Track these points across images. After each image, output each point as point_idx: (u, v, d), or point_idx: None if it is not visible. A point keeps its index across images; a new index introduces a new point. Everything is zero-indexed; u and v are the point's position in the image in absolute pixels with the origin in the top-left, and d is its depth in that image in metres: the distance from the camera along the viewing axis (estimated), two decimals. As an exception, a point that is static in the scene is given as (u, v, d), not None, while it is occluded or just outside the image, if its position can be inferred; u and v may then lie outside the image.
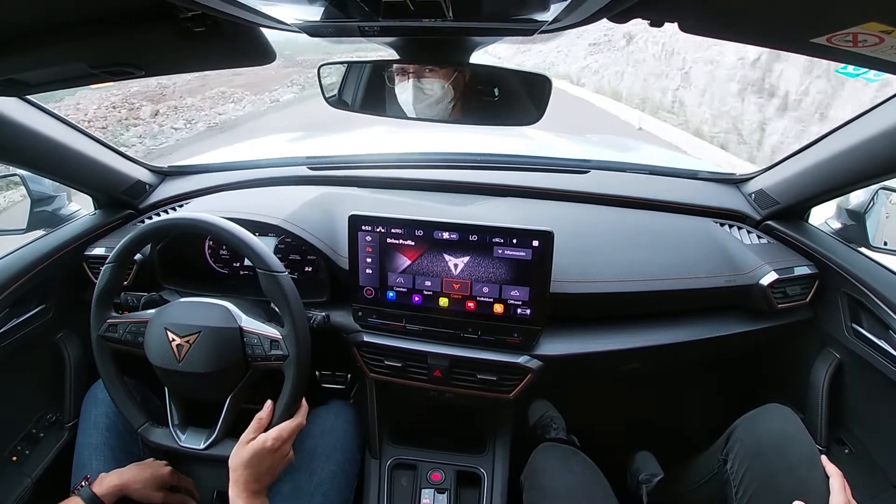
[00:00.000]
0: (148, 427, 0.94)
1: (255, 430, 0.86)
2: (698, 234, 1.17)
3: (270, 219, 1.09)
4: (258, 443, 0.83)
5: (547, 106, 0.84)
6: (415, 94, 0.89)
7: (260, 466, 0.83)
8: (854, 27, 0.43)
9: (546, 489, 0.97)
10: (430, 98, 0.88)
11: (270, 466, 0.85)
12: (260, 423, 0.86)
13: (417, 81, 0.88)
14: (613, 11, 0.52)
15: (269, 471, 0.85)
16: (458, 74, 0.87)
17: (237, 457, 0.83)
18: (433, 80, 0.87)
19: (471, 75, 0.87)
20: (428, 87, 0.87)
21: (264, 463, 0.83)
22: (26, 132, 0.99)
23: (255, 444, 0.83)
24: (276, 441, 0.84)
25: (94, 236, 1.22)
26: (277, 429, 0.86)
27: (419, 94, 0.88)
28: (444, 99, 0.88)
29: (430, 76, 0.87)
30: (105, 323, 0.94)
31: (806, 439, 0.88)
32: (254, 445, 0.83)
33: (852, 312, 1.06)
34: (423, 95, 0.88)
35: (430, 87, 0.88)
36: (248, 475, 0.82)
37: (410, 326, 1.06)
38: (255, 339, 0.89)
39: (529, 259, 0.96)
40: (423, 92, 0.88)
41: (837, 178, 1.03)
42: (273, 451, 0.84)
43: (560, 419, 1.51)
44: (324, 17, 0.65)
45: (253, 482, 0.82)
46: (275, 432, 0.85)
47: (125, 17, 0.59)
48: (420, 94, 0.88)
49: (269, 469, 0.85)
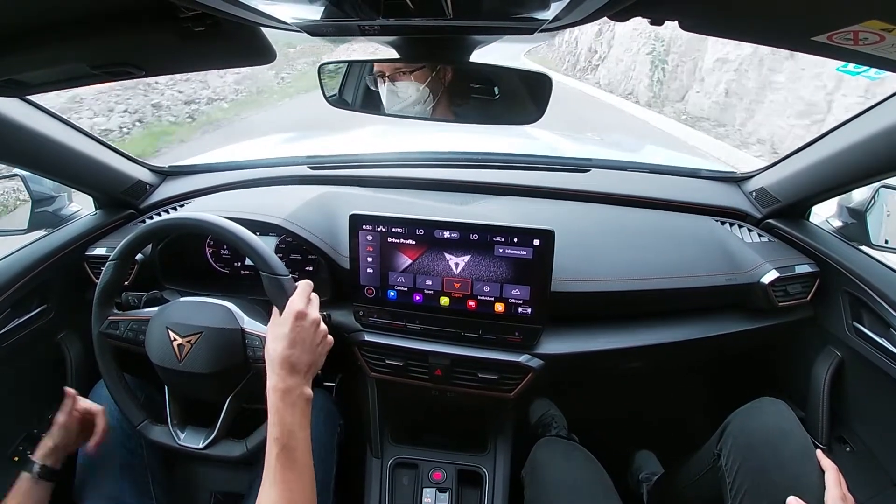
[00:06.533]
0: (147, 425, 0.94)
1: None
2: (699, 233, 1.17)
3: (271, 218, 1.09)
4: (288, 311, 0.79)
5: (547, 104, 0.84)
6: (388, 97, 0.89)
7: (290, 334, 0.77)
8: (854, 25, 0.43)
9: (547, 484, 0.96)
10: (405, 101, 0.88)
11: (299, 333, 0.78)
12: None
13: (391, 84, 0.88)
14: (613, 10, 0.52)
15: (300, 341, 0.78)
16: (433, 76, 0.86)
17: (269, 339, 0.78)
18: (406, 83, 0.87)
19: (455, 74, 0.87)
20: (402, 89, 0.87)
21: (294, 329, 0.77)
22: (27, 132, 0.99)
23: (285, 314, 0.79)
24: (300, 298, 0.80)
25: (95, 236, 1.22)
26: (296, 293, 0.82)
27: (392, 96, 0.89)
28: (420, 101, 0.87)
29: (402, 79, 0.87)
30: (106, 320, 0.94)
31: (799, 434, 0.88)
32: (286, 315, 0.78)
33: (853, 310, 1.06)
34: (396, 98, 0.88)
35: (403, 90, 0.88)
36: (278, 345, 0.76)
37: (411, 326, 1.06)
38: (256, 342, 0.89)
39: (530, 258, 0.96)
40: (396, 95, 0.88)
41: (838, 176, 1.03)
42: (301, 314, 0.79)
43: (561, 418, 1.52)
44: (324, 17, 0.65)
45: (285, 357, 0.76)
46: (296, 296, 0.81)
47: (125, 17, 0.59)
48: (393, 97, 0.89)
49: (299, 338, 0.78)
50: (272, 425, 0.72)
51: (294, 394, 0.75)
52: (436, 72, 0.86)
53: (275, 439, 0.71)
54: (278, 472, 0.70)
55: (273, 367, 0.76)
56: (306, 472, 0.73)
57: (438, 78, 0.86)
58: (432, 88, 0.86)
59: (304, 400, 0.76)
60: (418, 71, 0.86)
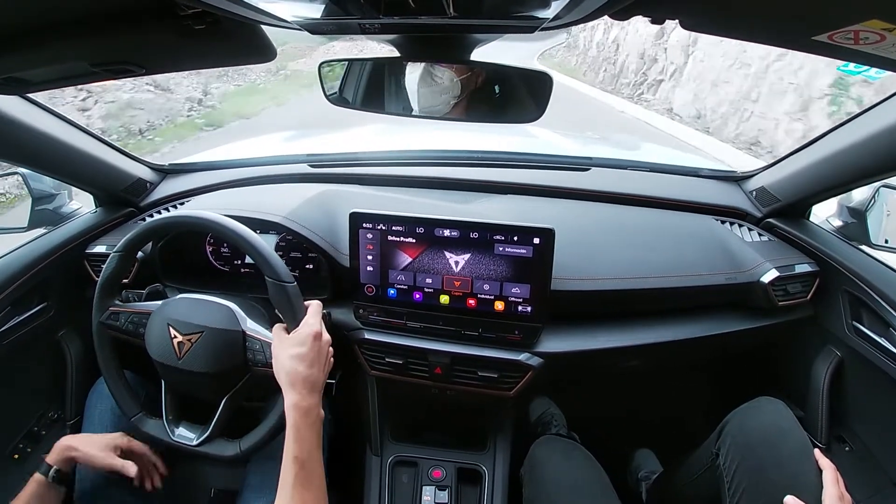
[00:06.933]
0: (141, 417, 0.94)
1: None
2: (699, 232, 1.17)
3: (271, 216, 1.09)
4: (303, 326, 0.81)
5: (548, 103, 0.84)
6: (422, 77, 0.87)
7: (309, 354, 0.79)
8: (855, 25, 0.43)
9: (546, 482, 0.96)
10: (438, 85, 0.87)
11: (317, 353, 0.80)
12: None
13: (430, 66, 0.86)
14: (614, 9, 0.52)
15: (317, 360, 0.80)
16: (471, 74, 0.86)
17: (282, 357, 0.79)
18: (445, 70, 0.86)
19: (483, 78, 0.87)
20: (438, 73, 0.86)
21: (313, 349, 0.79)
22: (27, 130, 0.99)
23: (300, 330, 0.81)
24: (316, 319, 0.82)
25: (95, 234, 1.22)
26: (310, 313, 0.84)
27: (427, 77, 0.87)
28: (450, 90, 0.87)
29: (443, 65, 0.86)
30: (107, 310, 0.95)
31: (797, 433, 0.88)
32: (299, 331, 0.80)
33: (853, 310, 1.06)
34: (430, 80, 0.87)
35: (440, 75, 0.86)
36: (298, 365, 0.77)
37: (411, 324, 1.06)
38: (256, 345, 0.88)
39: (530, 256, 0.96)
40: (431, 76, 0.87)
41: (839, 176, 1.03)
42: (318, 335, 0.81)
43: (561, 416, 1.52)
44: (324, 15, 0.65)
45: (305, 377, 0.77)
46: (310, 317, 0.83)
47: (126, 15, 0.59)
48: (428, 78, 0.87)
49: (317, 357, 0.80)
50: (292, 443, 0.73)
51: (314, 413, 0.76)
52: (471, 72, 0.86)
53: (294, 458, 0.72)
54: (296, 491, 0.71)
55: (294, 386, 0.77)
56: (322, 490, 0.74)
57: (473, 78, 0.86)
58: (464, 85, 0.86)
59: (320, 419, 0.78)
60: (461, 66, 0.86)
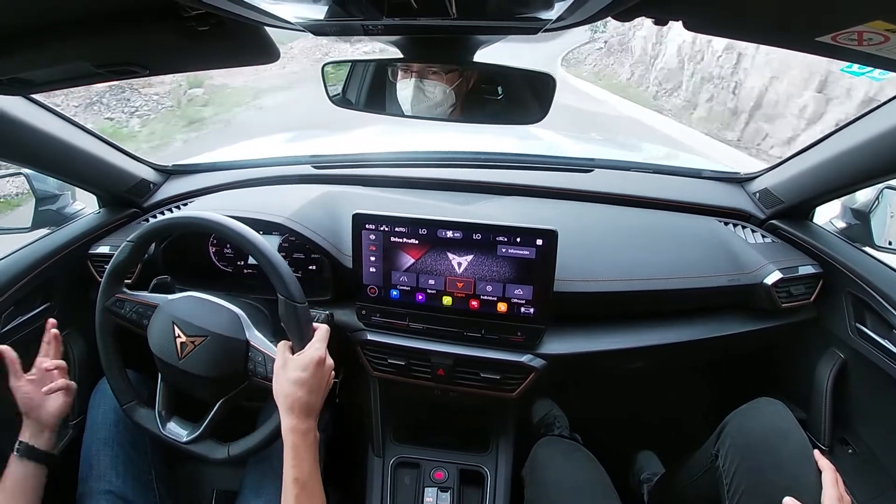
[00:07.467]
0: (134, 406, 0.95)
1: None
2: (702, 234, 1.17)
3: (274, 217, 1.09)
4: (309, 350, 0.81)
5: (551, 105, 0.84)
6: (415, 94, 0.87)
7: (311, 380, 0.79)
8: (859, 25, 0.43)
9: (548, 484, 0.96)
10: (430, 101, 0.87)
11: (319, 380, 0.80)
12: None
13: (419, 82, 0.86)
14: (617, 10, 0.52)
15: (318, 387, 0.80)
16: (462, 80, 0.86)
17: (283, 379, 0.79)
18: (435, 83, 0.86)
19: (475, 79, 0.87)
20: (429, 89, 0.86)
21: (315, 376, 0.79)
22: (31, 131, 0.99)
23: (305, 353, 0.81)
24: (322, 345, 0.82)
25: (99, 235, 1.23)
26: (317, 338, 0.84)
27: (419, 94, 0.87)
28: (443, 103, 0.87)
29: (433, 78, 0.86)
30: (113, 297, 0.95)
31: (797, 434, 0.88)
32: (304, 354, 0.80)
33: (856, 312, 1.05)
34: (422, 97, 0.87)
35: (431, 90, 0.87)
36: (298, 390, 0.78)
37: (414, 325, 1.06)
38: (259, 357, 0.87)
39: (533, 258, 0.96)
40: (423, 93, 0.87)
41: (842, 177, 1.02)
42: (322, 361, 0.81)
43: (563, 418, 1.52)
44: (328, 16, 0.65)
45: (305, 402, 0.78)
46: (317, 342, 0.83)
47: (129, 16, 0.59)
48: (420, 95, 0.87)
49: (318, 384, 0.80)
50: (291, 466, 0.75)
51: (311, 435, 0.78)
52: (462, 76, 0.86)
53: (294, 479, 0.74)
54: None
55: (293, 410, 0.78)
56: None
57: (465, 81, 0.86)
58: (457, 92, 0.86)
59: (317, 439, 0.80)
60: (451, 73, 0.85)
